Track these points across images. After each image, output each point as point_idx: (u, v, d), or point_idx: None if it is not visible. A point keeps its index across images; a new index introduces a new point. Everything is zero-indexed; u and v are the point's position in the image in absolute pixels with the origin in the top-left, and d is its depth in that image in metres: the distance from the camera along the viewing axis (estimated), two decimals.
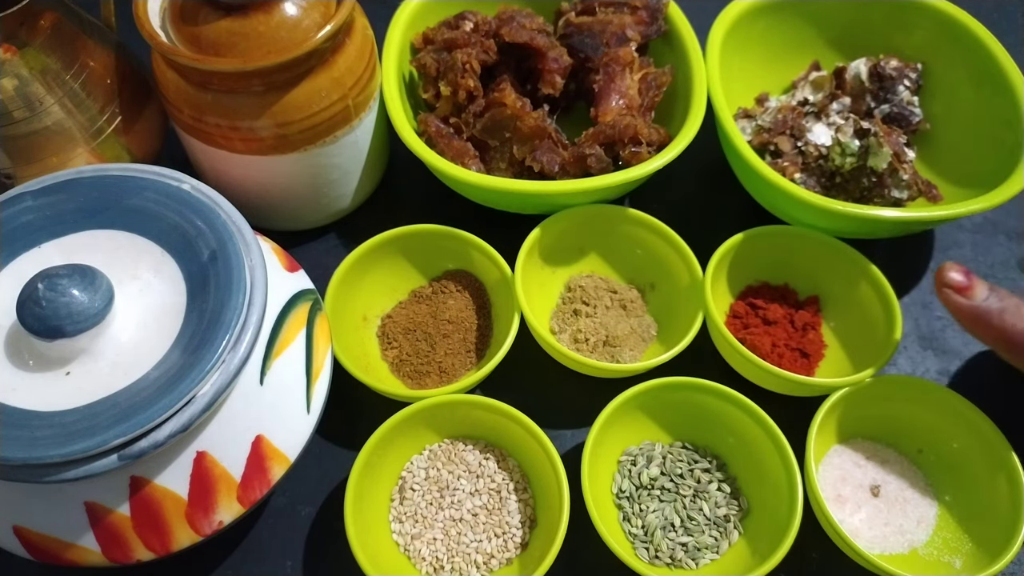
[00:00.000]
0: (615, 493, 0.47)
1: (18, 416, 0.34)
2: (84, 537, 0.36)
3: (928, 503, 0.47)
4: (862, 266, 0.51)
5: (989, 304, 0.43)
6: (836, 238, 0.52)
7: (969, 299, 0.43)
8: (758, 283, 0.54)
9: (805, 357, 0.51)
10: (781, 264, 0.54)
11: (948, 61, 0.58)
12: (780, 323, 0.52)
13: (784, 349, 0.51)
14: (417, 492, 0.46)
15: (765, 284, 0.54)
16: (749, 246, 0.52)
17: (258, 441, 0.38)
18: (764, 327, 0.52)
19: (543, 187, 0.50)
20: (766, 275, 0.54)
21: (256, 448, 0.38)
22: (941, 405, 0.47)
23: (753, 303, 0.53)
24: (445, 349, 0.51)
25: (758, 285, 0.54)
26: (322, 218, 0.57)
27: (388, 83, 0.53)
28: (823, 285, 0.53)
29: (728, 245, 0.51)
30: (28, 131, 0.46)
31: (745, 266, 0.53)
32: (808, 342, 0.51)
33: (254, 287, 0.38)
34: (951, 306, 0.44)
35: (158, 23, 0.47)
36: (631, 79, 0.55)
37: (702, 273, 0.50)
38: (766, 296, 0.53)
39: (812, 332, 0.52)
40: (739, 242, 0.51)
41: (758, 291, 0.54)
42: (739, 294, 0.54)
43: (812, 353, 0.51)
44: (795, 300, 0.54)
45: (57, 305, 0.34)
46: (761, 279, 0.54)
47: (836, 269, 0.52)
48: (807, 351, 0.51)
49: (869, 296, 0.50)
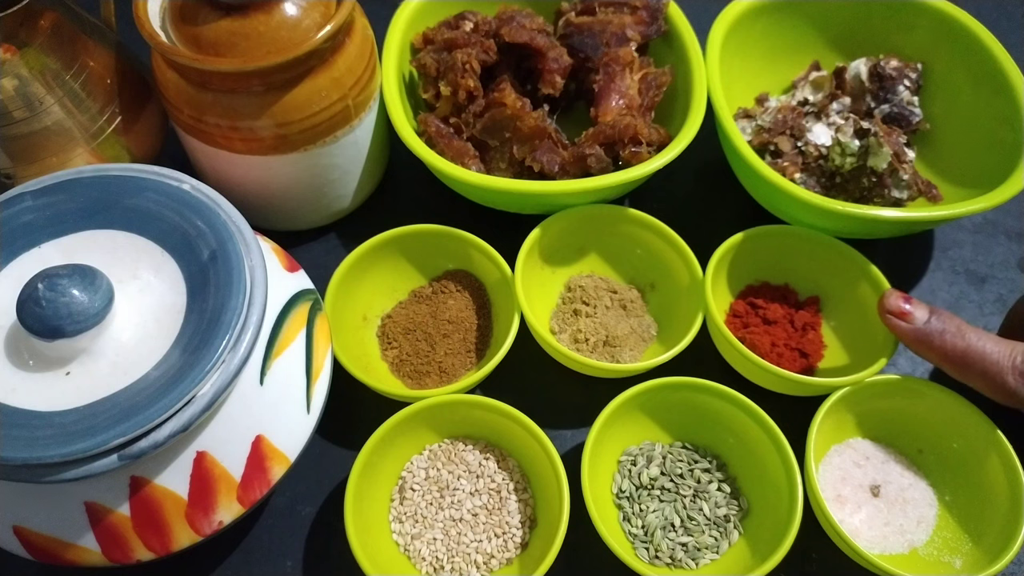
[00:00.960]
0: (615, 493, 0.47)
1: (18, 416, 0.34)
2: (84, 537, 0.36)
3: (928, 503, 0.47)
4: (862, 266, 0.51)
5: (930, 327, 0.45)
6: (836, 238, 0.52)
7: (911, 323, 0.45)
8: (758, 283, 0.54)
9: (804, 357, 0.51)
10: (782, 264, 0.54)
11: (948, 61, 0.58)
12: (780, 323, 0.52)
13: (784, 349, 0.51)
14: (417, 492, 0.46)
15: (766, 283, 0.54)
16: (750, 246, 0.52)
17: (258, 441, 0.38)
18: (764, 326, 0.52)
19: (543, 187, 0.50)
20: (767, 275, 0.54)
21: (256, 448, 0.38)
22: (941, 405, 0.47)
23: (753, 302, 0.53)
24: (445, 349, 0.51)
25: (759, 284, 0.54)
26: (322, 218, 0.57)
27: (388, 83, 0.53)
28: (823, 285, 0.53)
29: (728, 244, 0.51)
30: (28, 131, 0.46)
31: (746, 265, 0.53)
32: (808, 342, 0.51)
33: (254, 287, 0.38)
34: (895, 331, 0.46)
35: (158, 23, 0.47)
36: (631, 79, 0.55)
37: (702, 273, 0.50)
38: (767, 296, 0.53)
39: (812, 332, 0.52)
40: (739, 241, 0.51)
41: (759, 290, 0.54)
42: (739, 293, 0.54)
43: (812, 353, 0.51)
44: (795, 300, 0.54)
45: (57, 305, 0.34)
46: (762, 279, 0.54)
47: (836, 269, 0.52)
48: (806, 351, 0.51)
49: (869, 296, 0.50)
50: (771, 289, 0.54)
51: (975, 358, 0.44)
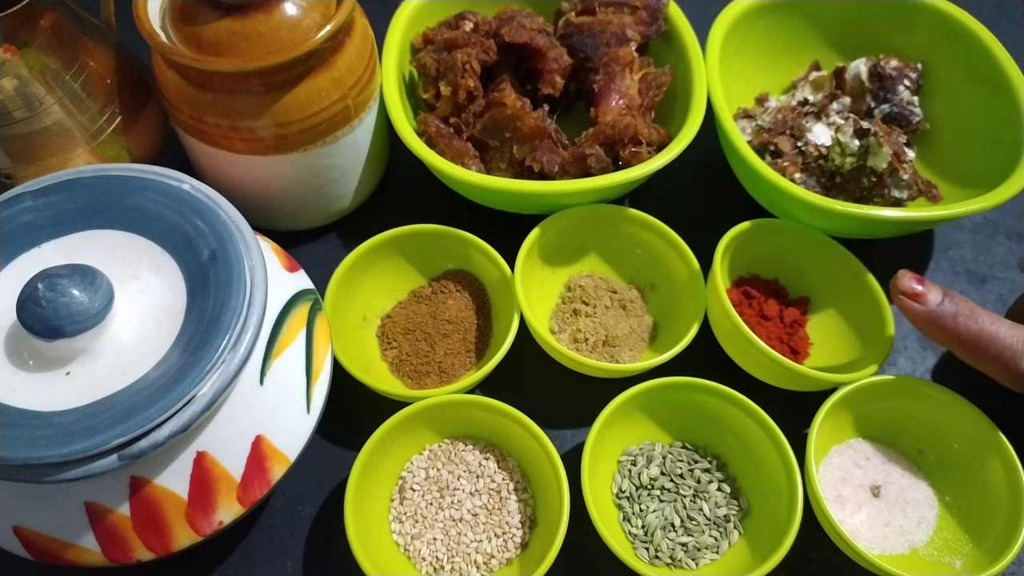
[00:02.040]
0: (615, 493, 0.47)
1: (18, 416, 0.34)
2: (84, 537, 0.36)
3: (929, 503, 0.47)
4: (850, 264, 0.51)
5: (943, 309, 0.44)
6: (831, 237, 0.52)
7: (924, 304, 0.45)
8: (749, 275, 0.54)
9: (794, 353, 0.51)
10: (774, 259, 0.54)
11: (948, 61, 0.58)
12: (773, 317, 0.52)
13: (775, 343, 0.51)
14: (417, 492, 0.46)
15: (756, 276, 0.54)
16: (751, 237, 0.52)
17: (258, 441, 0.38)
18: (758, 319, 0.52)
19: (543, 187, 0.50)
20: (758, 268, 0.54)
21: (256, 448, 0.38)
22: (941, 405, 0.47)
23: (748, 292, 0.53)
24: (445, 349, 0.51)
25: (749, 277, 0.54)
26: (322, 218, 0.57)
27: (388, 83, 0.53)
28: (812, 285, 0.54)
29: (736, 231, 0.51)
30: (28, 131, 0.46)
31: (741, 257, 0.53)
32: (798, 339, 0.52)
33: (254, 287, 0.38)
34: (908, 312, 0.45)
35: (158, 23, 0.47)
36: (631, 79, 0.55)
37: (701, 273, 0.50)
38: (758, 288, 0.54)
39: (800, 330, 0.52)
40: (747, 229, 0.51)
41: (750, 282, 0.54)
42: (732, 283, 0.54)
43: (800, 351, 0.51)
44: (785, 296, 0.54)
45: (57, 305, 0.34)
46: (753, 271, 0.54)
47: (829, 270, 0.52)
48: (796, 348, 0.51)
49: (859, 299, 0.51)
50: (762, 283, 0.54)
51: (988, 342, 0.43)
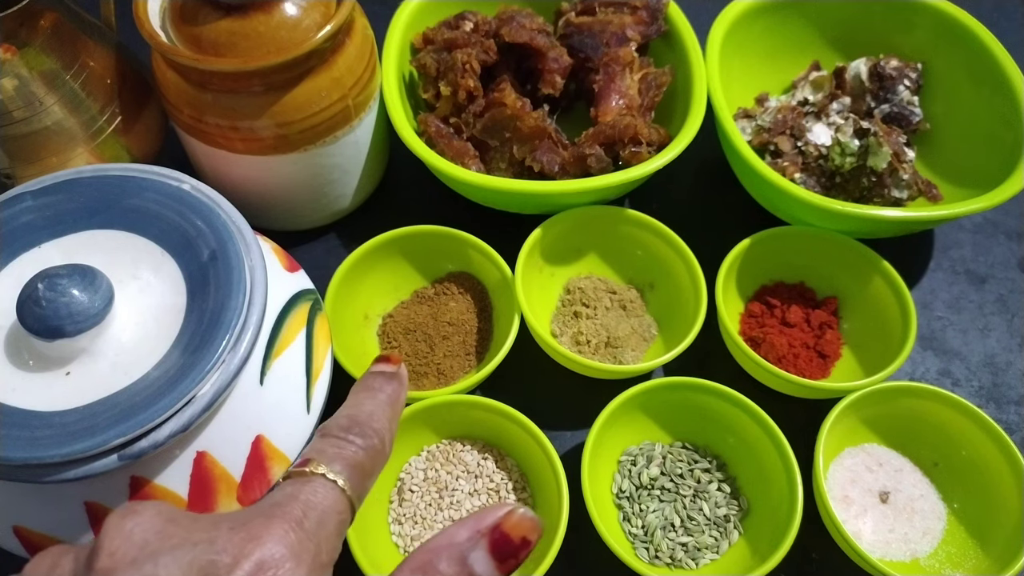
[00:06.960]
0: (615, 493, 0.47)
1: (18, 416, 0.34)
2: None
3: (937, 516, 0.46)
4: (876, 263, 0.51)
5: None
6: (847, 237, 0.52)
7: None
8: (773, 283, 0.54)
9: (822, 358, 0.51)
10: (795, 264, 0.54)
11: (948, 61, 0.58)
12: (798, 324, 0.52)
13: (801, 349, 0.51)
14: (416, 493, 0.46)
15: (780, 283, 0.54)
16: (759, 249, 0.52)
17: (258, 441, 0.38)
18: (780, 327, 0.52)
19: (543, 187, 0.50)
20: (781, 274, 0.54)
21: (256, 448, 0.38)
22: (953, 414, 0.46)
23: (769, 302, 0.53)
24: (444, 351, 0.51)
25: (773, 284, 0.54)
26: (322, 218, 0.57)
27: (388, 83, 0.53)
28: (839, 285, 0.53)
29: (736, 252, 0.51)
30: (28, 131, 0.46)
31: (759, 267, 0.53)
32: (826, 343, 0.51)
33: (254, 287, 0.38)
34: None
35: (158, 23, 0.47)
36: (631, 79, 0.55)
37: (702, 274, 0.50)
38: (783, 295, 0.53)
39: (829, 332, 0.52)
40: (747, 247, 0.51)
41: (774, 290, 0.54)
42: (755, 293, 0.54)
43: (830, 354, 0.51)
44: (813, 298, 0.53)
45: (57, 305, 0.34)
46: (776, 279, 0.54)
47: (851, 268, 0.52)
48: (825, 352, 0.51)
49: (884, 295, 0.50)
50: (786, 288, 0.54)
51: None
